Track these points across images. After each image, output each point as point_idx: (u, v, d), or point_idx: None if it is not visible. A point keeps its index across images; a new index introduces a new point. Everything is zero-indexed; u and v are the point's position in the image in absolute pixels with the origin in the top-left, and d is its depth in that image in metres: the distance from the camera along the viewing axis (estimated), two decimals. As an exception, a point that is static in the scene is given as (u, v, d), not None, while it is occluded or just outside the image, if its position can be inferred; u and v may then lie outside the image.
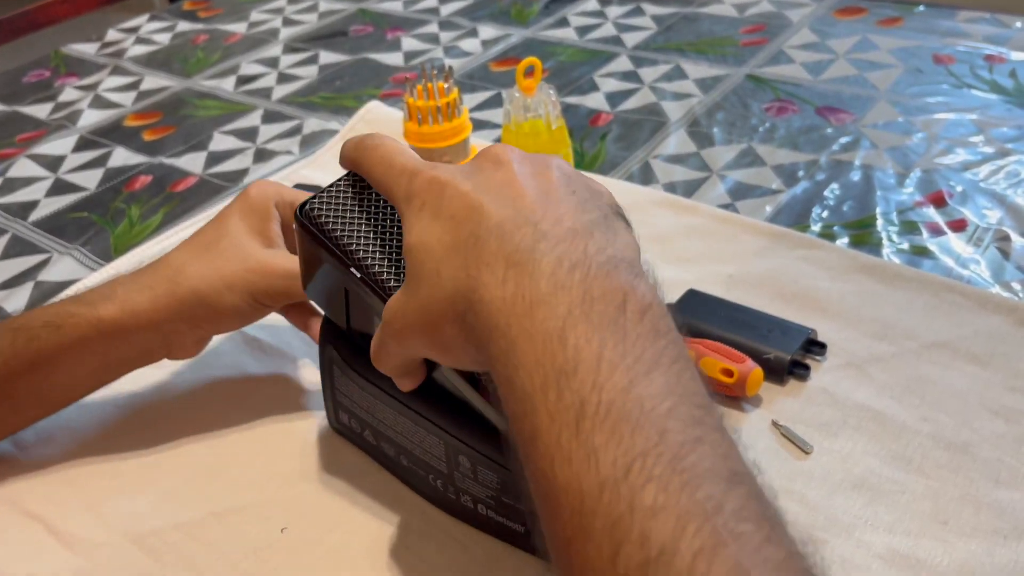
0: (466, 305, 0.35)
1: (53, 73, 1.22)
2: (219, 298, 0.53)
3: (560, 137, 0.77)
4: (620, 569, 0.27)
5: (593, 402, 0.30)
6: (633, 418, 0.29)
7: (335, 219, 0.44)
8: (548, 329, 0.32)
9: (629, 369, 0.30)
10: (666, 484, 0.27)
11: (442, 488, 0.49)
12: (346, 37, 1.23)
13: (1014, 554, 0.46)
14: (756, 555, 0.26)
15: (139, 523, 0.52)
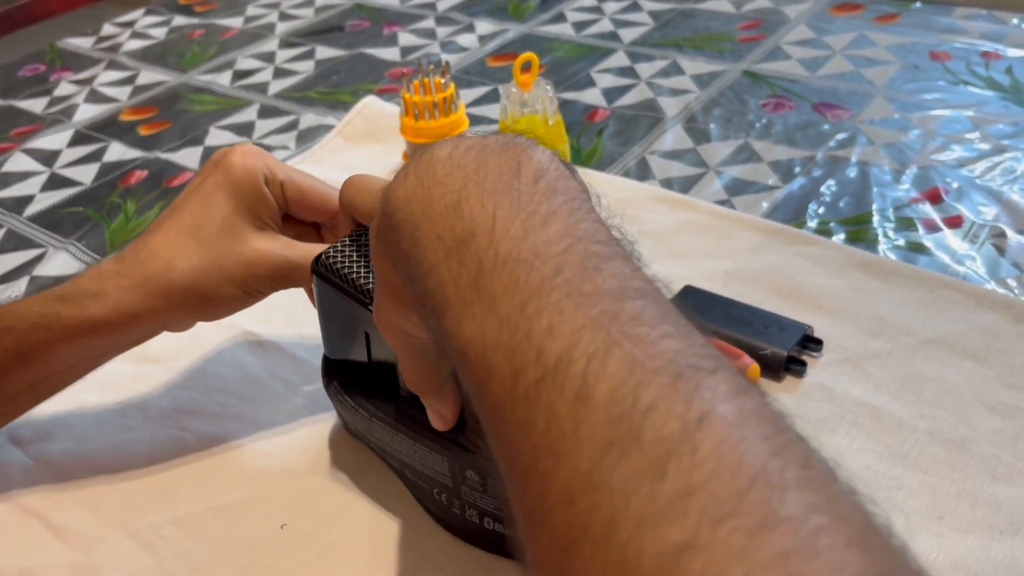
0: (381, 220, 0.35)
1: (48, 67, 1.22)
2: (218, 290, 0.50)
3: (557, 133, 0.77)
4: (521, 391, 0.27)
5: (490, 257, 0.30)
6: (528, 262, 0.29)
7: (350, 264, 0.46)
8: (445, 204, 0.32)
9: (523, 223, 0.31)
10: (561, 309, 0.28)
11: (447, 502, 0.48)
12: (343, 32, 1.23)
13: (1009, 549, 0.46)
14: (652, 347, 0.26)
15: (136, 518, 0.52)
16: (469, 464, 0.45)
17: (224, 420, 0.59)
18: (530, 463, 0.26)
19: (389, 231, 0.35)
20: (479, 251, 0.30)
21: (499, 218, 0.31)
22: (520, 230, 0.30)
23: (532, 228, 0.30)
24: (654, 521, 0.22)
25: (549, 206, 0.31)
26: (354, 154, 0.90)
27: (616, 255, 0.30)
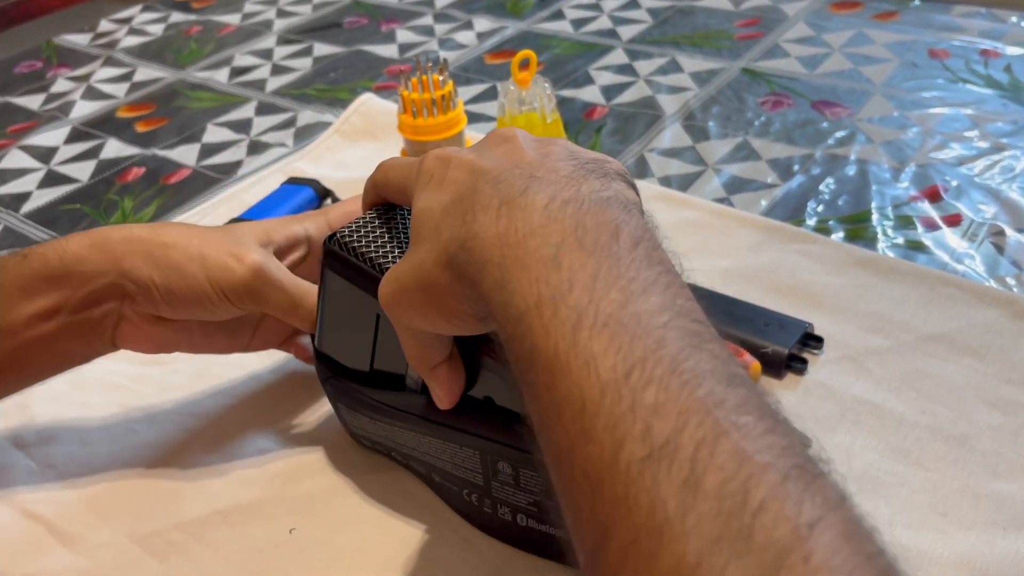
0: (458, 246, 0.35)
1: (45, 64, 1.21)
2: (187, 268, 0.49)
3: (555, 131, 0.77)
4: (622, 465, 0.27)
5: (590, 314, 0.30)
6: (630, 328, 0.29)
7: (367, 243, 0.45)
8: (542, 255, 0.32)
9: (624, 289, 0.30)
10: (667, 385, 0.28)
11: (477, 502, 0.48)
12: (340, 29, 1.22)
13: (1013, 545, 0.46)
14: (759, 441, 0.26)
15: (142, 523, 0.52)
16: (502, 455, 0.44)
17: (229, 423, 0.58)
18: (630, 541, 0.26)
19: (468, 264, 0.34)
20: (578, 305, 0.30)
21: (600, 278, 0.31)
22: (621, 294, 0.30)
23: (633, 295, 0.30)
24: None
25: (648, 275, 0.31)
26: (352, 151, 0.89)
27: (712, 337, 0.31)
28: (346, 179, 0.84)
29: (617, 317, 0.29)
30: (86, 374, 0.63)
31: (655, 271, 0.32)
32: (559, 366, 0.29)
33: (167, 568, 0.49)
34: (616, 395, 0.28)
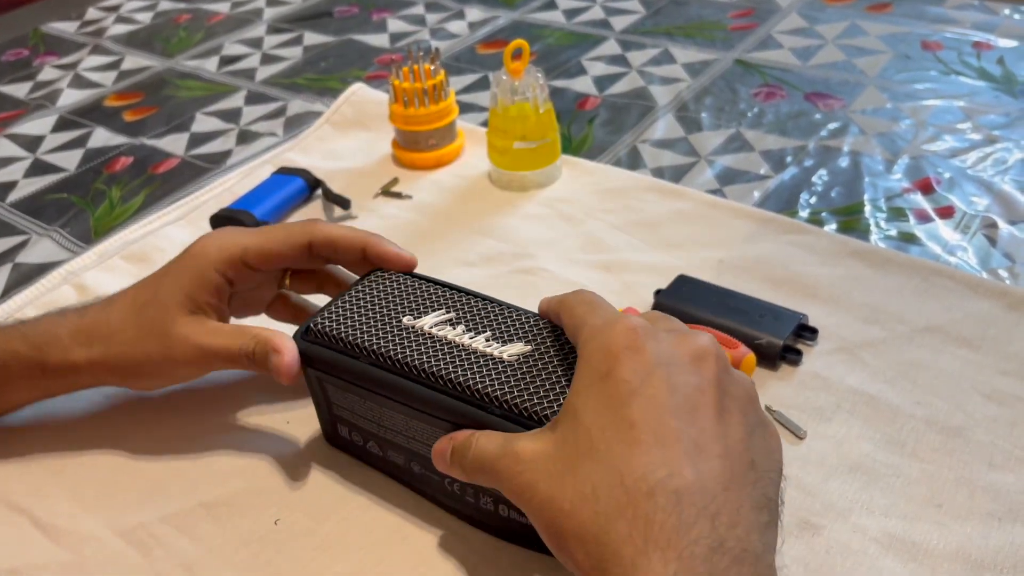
0: (614, 559, 0.34)
1: (32, 52, 1.20)
2: (143, 369, 0.53)
3: (547, 121, 0.77)
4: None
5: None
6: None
7: (343, 327, 0.49)
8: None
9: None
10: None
11: (459, 491, 0.48)
12: (331, 18, 1.21)
13: (1008, 536, 0.46)
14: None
15: (127, 516, 0.51)
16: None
17: (214, 414, 0.58)
18: None
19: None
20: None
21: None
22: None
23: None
24: None
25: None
26: (342, 142, 0.89)
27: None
28: (337, 169, 0.83)
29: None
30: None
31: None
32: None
33: (151, 561, 0.49)
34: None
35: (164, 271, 0.54)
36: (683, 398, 0.37)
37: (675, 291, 0.62)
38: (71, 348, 0.53)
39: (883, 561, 0.45)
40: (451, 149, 0.83)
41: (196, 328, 0.52)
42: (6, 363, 0.53)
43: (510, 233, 0.73)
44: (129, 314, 0.53)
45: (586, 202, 0.76)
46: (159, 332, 0.52)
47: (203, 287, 0.52)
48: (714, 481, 0.35)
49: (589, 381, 0.38)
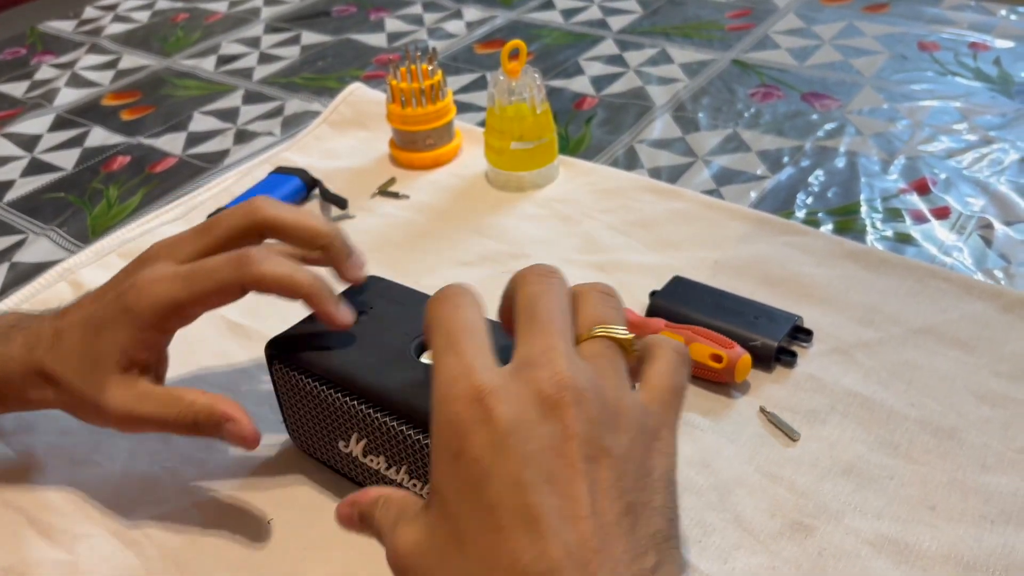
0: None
1: (29, 50, 1.20)
2: (84, 415, 0.50)
3: (545, 121, 0.77)
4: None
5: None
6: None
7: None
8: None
9: None
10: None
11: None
12: (329, 17, 1.21)
13: (1001, 538, 0.46)
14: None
15: (121, 515, 0.51)
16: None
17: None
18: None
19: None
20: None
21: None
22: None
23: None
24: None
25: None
26: (340, 141, 0.89)
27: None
28: (334, 168, 0.83)
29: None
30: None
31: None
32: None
33: (144, 560, 0.49)
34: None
35: (103, 315, 0.49)
36: (539, 466, 0.34)
37: (670, 292, 0.62)
38: (20, 362, 0.50)
39: (876, 563, 0.45)
40: (448, 149, 0.83)
41: (125, 391, 0.48)
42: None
43: (507, 233, 0.73)
44: (75, 351, 0.50)
45: (583, 202, 0.76)
46: (92, 388, 0.49)
47: (137, 345, 0.48)
48: (583, 548, 0.32)
49: (444, 459, 0.35)
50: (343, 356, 0.48)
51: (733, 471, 0.51)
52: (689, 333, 0.56)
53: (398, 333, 0.49)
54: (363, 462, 0.48)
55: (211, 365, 0.62)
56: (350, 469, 0.50)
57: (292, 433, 0.53)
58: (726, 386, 0.56)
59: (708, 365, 0.55)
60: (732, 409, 0.55)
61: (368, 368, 0.46)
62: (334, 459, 0.50)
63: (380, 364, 0.46)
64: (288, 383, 0.50)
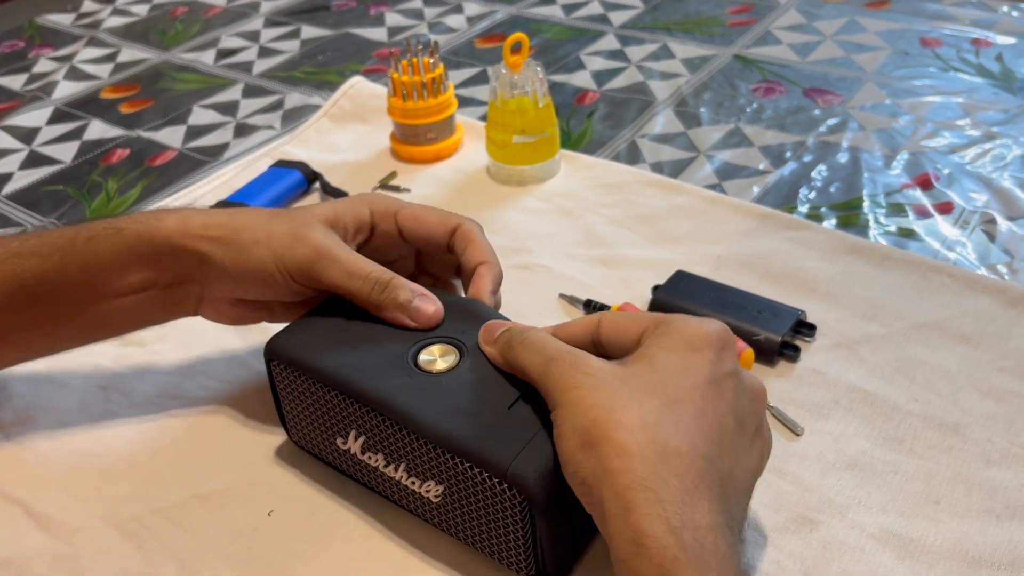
0: (659, 483, 0.36)
1: (28, 43, 1.19)
2: (254, 250, 0.50)
3: (547, 115, 0.76)
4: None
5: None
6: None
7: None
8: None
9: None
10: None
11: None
12: (328, 11, 1.21)
13: (1006, 533, 0.46)
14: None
15: (120, 507, 0.51)
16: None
17: (209, 404, 0.57)
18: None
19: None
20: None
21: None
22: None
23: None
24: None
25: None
26: (341, 135, 0.88)
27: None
28: (335, 162, 0.83)
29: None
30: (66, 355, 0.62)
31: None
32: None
33: (144, 553, 0.48)
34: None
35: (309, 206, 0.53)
36: (742, 414, 0.41)
37: (673, 286, 0.62)
38: (187, 216, 0.51)
39: (880, 557, 0.45)
40: (450, 143, 0.83)
41: (329, 238, 0.50)
42: (123, 227, 0.50)
43: (508, 227, 0.73)
44: (259, 218, 0.52)
45: (585, 197, 0.76)
46: (292, 232, 0.50)
47: (353, 215, 0.53)
48: (731, 480, 0.39)
49: (674, 344, 0.41)
50: (342, 357, 0.47)
51: (737, 466, 0.51)
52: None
53: (396, 335, 0.48)
54: (361, 459, 0.48)
55: (210, 356, 0.61)
56: (348, 466, 0.50)
57: (290, 430, 0.52)
58: (729, 380, 0.56)
59: (711, 359, 0.55)
60: (735, 403, 0.55)
61: (366, 373, 0.46)
62: (332, 456, 0.50)
63: (378, 369, 0.46)
64: (287, 381, 0.49)
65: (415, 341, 0.48)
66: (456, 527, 0.46)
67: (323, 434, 0.49)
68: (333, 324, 0.50)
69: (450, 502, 0.45)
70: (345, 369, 0.46)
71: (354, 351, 0.47)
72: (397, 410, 0.44)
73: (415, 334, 0.48)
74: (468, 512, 0.44)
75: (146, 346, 0.62)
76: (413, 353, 0.47)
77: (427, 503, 0.46)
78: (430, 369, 0.46)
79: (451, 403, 0.44)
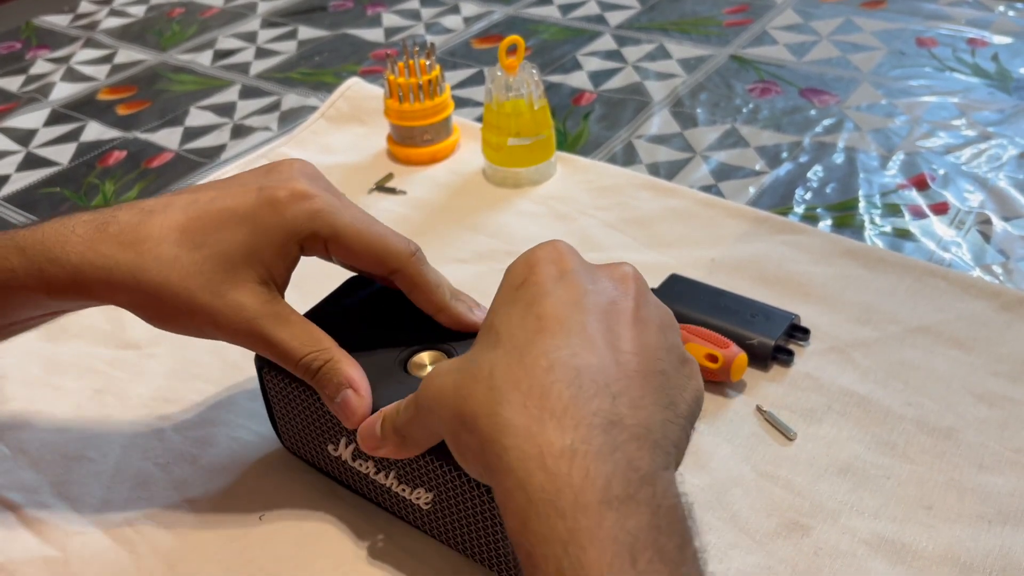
0: (506, 429, 0.33)
1: (24, 45, 1.19)
2: (176, 318, 0.45)
3: (542, 118, 0.76)
4: None
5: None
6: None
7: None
8: (618, 541, 0.31)
9: None
10: None
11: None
12: (325, 12, 1.21)
13: (998, 539, 0.46)
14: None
15: (112, 512, 0.51)
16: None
17: (202, 408, 0.58)
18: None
19: (500, 466, 0.33)
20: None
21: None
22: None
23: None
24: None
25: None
26: (338, 136, 0.88)
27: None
28: (331, 164, 0.83)
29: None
30: (61, 358, 0.62)
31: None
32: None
33: (136, 558, 0.49)
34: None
35: (229, 209, 0.44)
36: (598, 302, 0.36)
37: (667, 290, 0.62)
38: (83, 275, 0.44)
39: (872, 563, 0.45)
40: (446, 145, 0.83)
41: (260, 306, 0.44)
42: (4, 281, 0.44)
43: (503, 230, 0.73)
44: (173, 248, 0.44)
45: (580, 199, 0.76)
46: (212, 288, 0.43)
47: (278, 253, 0.45)
48: (618, 368, 0.34)
49: (505, 292, 0.38)
50: None
51: (729, 470, 0.51)
52: (685, 333, 0.56)
53: (386, 340, 0.48)
54: (352, 466, 0.48)
55: (205, 360, 0.61)
56: (339, 472, 0.50)
57: (281, 436, 0.52)
58: (722, 385, 0.56)
59: (704, 365, 0.55)
60: (728, 408, 0.55)
61: None
62: (323, 462, 0.50)
63: (368, 375, 0.46)
64: (278, 388, 0.49)
65: (406, 348, 0.48)
66: (446, 534, 0.46)
67: (314, 441, 0.49)
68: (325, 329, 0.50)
69: (440, 509, 0.45)
70: None
71: None
72: None
73: (406, 340, 0.48)
74: (458, 519, 0.44)
75: (141, 349, 0.63)
76: (403, 360, 0.47)
77: (417, 510, 0.46)
78: (420, 375, 0.46)
79: None
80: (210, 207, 0.45)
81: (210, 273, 0.44)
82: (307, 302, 0.51)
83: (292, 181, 0.46)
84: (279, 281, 0.46)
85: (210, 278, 0.44)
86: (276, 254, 0.45)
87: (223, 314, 0.44)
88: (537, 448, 0.32)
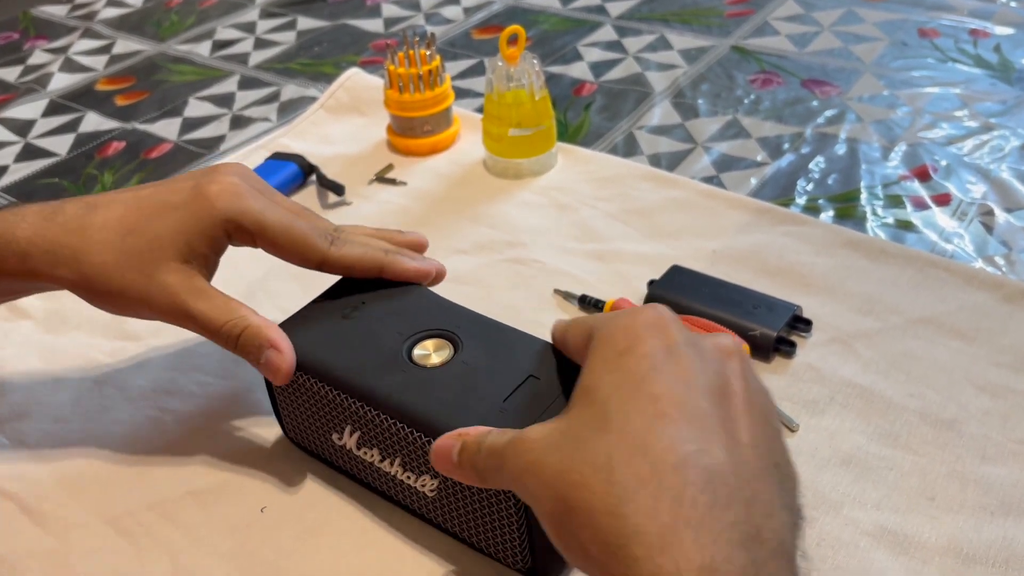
0: (634, 536, 0.30)
1: (22, 35, 1.19)
2: (114, 296, 0.48)
3: (543, 108, 0.76)
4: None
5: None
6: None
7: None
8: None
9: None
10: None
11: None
12: (325, 3, 1.20)
13: (1001, 530, 0.45)
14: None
15: (114, 503, 0.51)
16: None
17: (203, 400, 0.58)
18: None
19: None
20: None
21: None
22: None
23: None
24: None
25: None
26: (337, 127, 0.88)
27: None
28: (331, 155, 0.83)
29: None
30: (61, 348, 0.62)
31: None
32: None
33: (138, 549, 0.48)
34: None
35: (164, 201, 0.48)
36: (710, 381, 0.34)
37: (668, 281, 0.62)
38: (30, 257, 0.47)
39: (874, 554, 0.45)
40: (446, 135, 0.83)
41: (183, 282, 0.47)
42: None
43: (504, 221, 0.73)
44: (112, 235, 0.48)
45: (581, 190, 0.75)
46: (142, 269, 0.47)
47: (204, 238, 0.48)
48: (745, 467, 0.32)
49: (606, 358, 0.36)
50: (336, 352, 0.47)
51: (732, 461, 0.51)
52: (687, 324, 0.56)
53: (390, 330, 0.48)
54: (357, 455, 0.48)
55: (206, 351, 0.61)
56: (344, 461, 0.49)
57: (285, 426, 0.52)
58: (725, 376, 0.56)
59: (707, 355, 0.54)
60: (731, 399, 0.55)
61: (361, 369, 0.46)
62: (327, 451, 0.50)
63: (373, 364, 0.46)
64: None
65: (409, 335, 0.47)
66: (451, 521, 0.46)
67: (318, 430, 0.49)
68: (327, 320, 0.49)
69: (445, 496, 0.45)
70: (340, 365, 0.46)
71: (349, 347, 0.47)
72: (392, 405, 0.44)
73: (410, 328, 0.48)
74: (463, 506, 0.44)
75: (141, 340, 0.62)
76: (408, 347, 0.47)
77: (422, 497, 0.46)
78: (425, 363, 0.46)
79: (446, 397, 0.44)
80: (148, 200, 0.49)
81: (141, 256, 0.47)
82: (306, 297, 0.51)
83: (226, 178, 0.49)
84: (204, 263, 0.49)
85: (141, 260, 0.47)
86: (201, 237, 0.48)
87: (151, 293, 0.47)
88: (675, 564, 0.29)
